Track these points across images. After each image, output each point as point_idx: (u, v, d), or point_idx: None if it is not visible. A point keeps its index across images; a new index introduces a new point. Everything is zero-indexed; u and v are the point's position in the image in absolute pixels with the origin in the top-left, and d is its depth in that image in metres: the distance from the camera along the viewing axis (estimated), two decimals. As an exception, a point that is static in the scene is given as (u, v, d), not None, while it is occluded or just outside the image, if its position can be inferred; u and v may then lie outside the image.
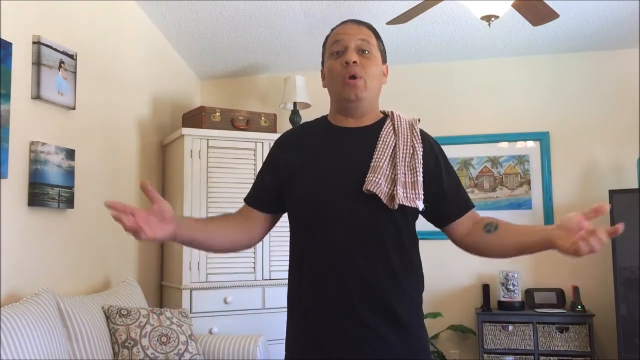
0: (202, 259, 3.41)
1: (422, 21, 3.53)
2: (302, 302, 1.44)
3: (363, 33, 1.47)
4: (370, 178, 1.37)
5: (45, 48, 2.58)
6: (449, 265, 3.98)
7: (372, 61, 1.46)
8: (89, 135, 2.97)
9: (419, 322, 1.45)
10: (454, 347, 4.00)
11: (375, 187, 1.36)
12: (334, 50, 1.47)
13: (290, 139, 1.57)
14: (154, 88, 3.76)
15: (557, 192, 3.99)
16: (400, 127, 1.48)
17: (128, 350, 2.60)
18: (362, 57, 1.44)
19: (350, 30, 1.47)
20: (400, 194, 1.37)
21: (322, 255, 1.40)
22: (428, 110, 4.19)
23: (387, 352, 1.36)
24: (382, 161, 1.40)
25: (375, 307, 1.36)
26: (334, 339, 1.37)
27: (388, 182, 1.39)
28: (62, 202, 2.67)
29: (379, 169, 1.38)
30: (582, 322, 3.59)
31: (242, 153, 3.53)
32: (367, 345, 1.36)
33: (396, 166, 1.41)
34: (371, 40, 1.47)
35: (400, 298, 1.39)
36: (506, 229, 1.44)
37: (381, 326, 1.36)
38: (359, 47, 1.45)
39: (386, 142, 1.44)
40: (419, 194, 1.39)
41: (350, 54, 1.43)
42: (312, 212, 1.42)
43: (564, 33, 3.75)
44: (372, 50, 1.46)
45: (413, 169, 1.42)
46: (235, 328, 3.35)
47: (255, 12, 3.54)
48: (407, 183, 1.40)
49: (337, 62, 1.45)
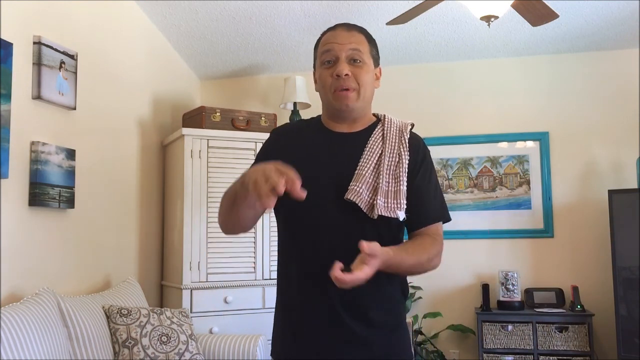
0: (202, 258, 3.41)
1: (422, 21, 3.54)
2: (288, 303, 1.46)
3: (354, 40, 1.44)
4: (352, 187, 1.37)
5: (45, 48, 2.59)
6: (448, 265, 3.95)
7: (363, 69, 1.43)
8: (89, 136, 2.98)
9: (401, 321, 1.48)
10: (453, 347, 4.01)
11: (356, 197, 1.36)
12: (324, 60, 1.45)
13: (289, 135, 1.55)
14: (154, 88, 3.76)
15: (557, 192, 3.99)
16: (389, 133, 1.47)
17: (128, 349, 2.61)
18: (354, 66, 1.42)
19: (341, 39, 1.43)
20: (381, 204, 1.37)
21: (306, 259, 1.42)
22: (428, 110, 4.20)
23: (369, 352, 1.39)
24: (365, 169, 1.40)
25: (357, 312, 1.38)
26: (317, 341, 1.40)
27: (370, 190, 1.39)
28: (62, 202, 2.68)
29: (361, 177, 1.38)
30: (581, 321, 3.59)
31: (242, 153, 3.54)
32: (350, 347, 1.38)
33: (380, 175, 1.40)
34: (362, 48, 1.44)
35: (382, 301, 1.41)
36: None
37: (364, 330, 1.39)
38: (350, 56, 1.42)
39: (372, 149, 1.44)
40: (401, 203, 1.39)
41: (342, 66, 1.41)
42: (298, 216, 1.42)
43: (564, 33, 3.75)
44: (363, 58, 1.44)
45: (397, 178, 1.41)
46: (235, 328, 3.36)
47: (255, 12, 3.55)
48: (390, 192, 1.40)
49: (328, 73, 1.43)
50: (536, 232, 3.99)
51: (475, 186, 4.12)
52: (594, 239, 3.88)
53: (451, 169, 4.17)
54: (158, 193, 3.76)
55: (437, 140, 4.12)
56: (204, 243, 3.42)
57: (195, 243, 3.40)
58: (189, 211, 3.41)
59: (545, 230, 3.98)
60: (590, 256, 3.90)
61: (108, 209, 3.16)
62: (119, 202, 3.28)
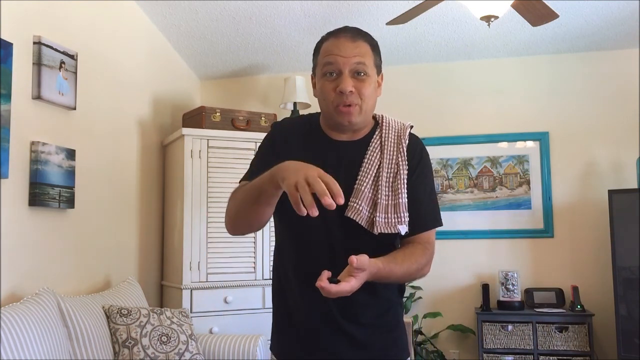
0: (202, 258, 3.41)
1: (422, 21, 3.54)
2: (286, 304, 1.46)
3: (359, 52, 1.37)
4: (352, 204, 1.36)
5: (45, 48, 2.59)
6: (448, 265, 3.98)
7: (367, 82, 1.38)
8: (89, 136, 2.98)
9: (399, 321, 1.48)
10: (453, 347, 4.01)
11: (355, 214, 1.35)
12: (327, 71, 1.38)
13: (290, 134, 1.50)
14: (154, 88, 3.76)
15: (557, 192, 3.99)
16: (387, 140, 1.44)
17: (128, 349, 2.61)
18: (357, 79, 1.37)
19: (345, 51, 1.36)
20: (380, 220, 1.36)
21: (304, 263, 1.41)
22: (428, 110, 4.20)
23: (367, 353, 1.40)
24: (364, 184, 1.38)
25: (355, 317, 1.38)
26: (315, 342, 1.40)
27: (370, 206, 1.37)
28: (62, 202, 2.68)
29: (360, 193, 1.36)
30: (581, 321, 3.59)
31: (242, 153, 3.54)
32: (348, 348, 1.39)
33: (378, 188, 1.38)
34: (367, 60, 1.38)
35: (379, 303, 1.42)
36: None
37: (361, 331, 1.39)
38: (354, 70, 1.36)
39: (371, 161, 1.41)
40: (402, 217, 1.37)
41: (346, 82, 1.35)
42: (297, 224, 1.36)
43: (564, 33, 3.75)
44: (367, 71, 1.38)
45: (396, 191, 1.39)
46: (235, 328, 3.36)
47: (255, 12, 3.55)
48: (389, 206, 1.37)
49: (330, 87, 1.37)
50: (536, 232, 3.99)
51: (475, 186, 4.12)
52: (594, 239, 3.88)
53: (451, 169, 4.17)
54: (158, 193, 3.76)
55: (437, 140, 4.12)
56: (204, 243, 3.42)
57: (195, 243, 3.40)
58: (189, 211, 3.41)
59: (545, 230, 3.98)
60: (590, 256, 3.89)
61: (108, 209, 3.16)
62: (119, 202, 3.28)
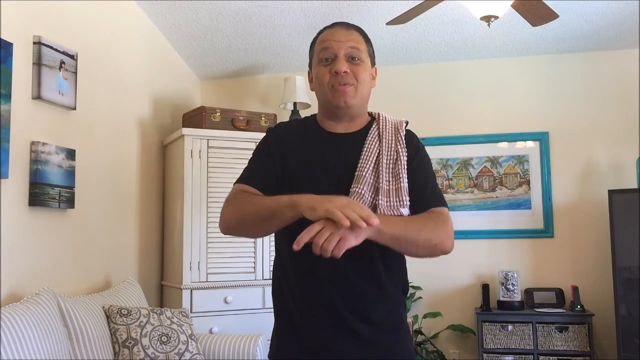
0: (202, 258, 3.41)
1: (422, 21, 3.54)
2: (287, 305, 1.45)
3: (352, 39, 1.45)
4: (354, 189, 1.37)
5: (45, 48, 2.59)
6: (448, 264, 3.98)
7: (361, 67, 1.45)
8: (89, 136, 2.98)
9: (402, 322, 1.48)
10: (453, 347, 4.01)
11: (358, 199, 1.36)
12: (323, 57, 1.46)
13: (286, 137, 1.53)
14: (155, 88, 3.76)
15: (557, 192, 3.99)
16: (385, 131, 1.47)
17: (128, 349, 2.61)
18: (352, 64, 1.44)
19: (340, 37, 1.45)
20: (383, 203, 1.37)
21: (307, 259, 1.39)
22: (428, 110, 4.20)
23: (371, 352, 1.39)
24: (365, 170, 1.40)
25: (360, 314, 1.38)
26: (319, 343, 1.39)
27: (372, 191, 1.39)
28: (62, 202, 2.68)
29: (362, 178, 1.39)
30: (581, 321, 3.59)
31: (242, 153, 3.54)
32: (351, 347, 1.38)
33: (379, 174, 1.41)
34: (361, 46, 1.46)
35: (384, 302, 1.41)
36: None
37: (366, 331, 1.39)
38: (349, 54, 1.44)
39: (370, 149, 1.44)
40: (404, 200, 1.39)
41: (340, 63, 1.42)
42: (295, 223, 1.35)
43: (564, 33, 3.75)
44: (361, 56, 1.45)
45: (397, 175, 1.41)
46: (235, 328, 3.36)
47: (255, 12, 3.55)
48: (391, 191, 1.40)
49: (326, 70, 1.44)
50: (536, 232, 3.99)
51: (475, 186, 4.13)
52: (594, 239, 3.88)
53: (451, 169, 4.17)
54: (158, 193, 3.76)
55: (437, 140, 4.12)
56: (204, 243, 3.42)
57: (195, 243, 3.40)
58: (189, 211, 3.41)
59: (545, 230, 3.98)
60: (590, 256, 3.90)
61: (108, 209, 3.16)
62: (119, 202, 3.28)
